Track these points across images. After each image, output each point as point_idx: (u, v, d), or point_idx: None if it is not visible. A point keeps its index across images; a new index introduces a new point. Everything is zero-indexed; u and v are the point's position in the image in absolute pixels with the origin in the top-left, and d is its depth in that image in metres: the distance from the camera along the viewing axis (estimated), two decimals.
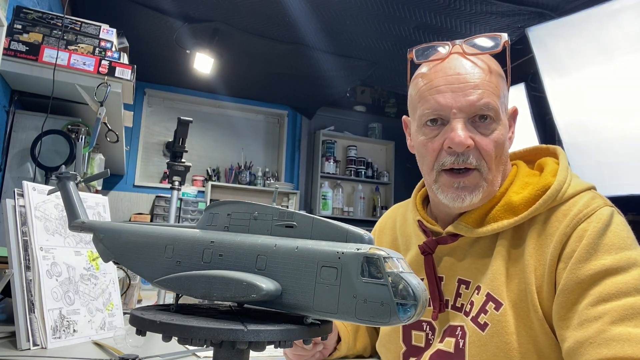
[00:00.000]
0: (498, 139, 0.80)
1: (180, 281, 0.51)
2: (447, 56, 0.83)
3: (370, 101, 5.65)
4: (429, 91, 0.82)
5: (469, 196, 0.80)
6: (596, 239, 0.72)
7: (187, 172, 2.22)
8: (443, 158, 0.81)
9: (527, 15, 2.83)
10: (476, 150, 0.79)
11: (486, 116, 0.79)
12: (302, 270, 0.45)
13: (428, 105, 0.81)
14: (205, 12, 3.14)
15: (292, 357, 0.92)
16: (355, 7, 2.92)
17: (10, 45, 1.69)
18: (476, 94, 0.78)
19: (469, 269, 0.84)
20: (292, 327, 0.46)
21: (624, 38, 2.50)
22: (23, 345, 0.97)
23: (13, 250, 1.02)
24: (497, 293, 0.78)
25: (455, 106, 0.79)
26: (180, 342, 0.46)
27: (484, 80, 0.80)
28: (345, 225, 0.48)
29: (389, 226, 1.07)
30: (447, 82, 0.80)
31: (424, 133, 0.84)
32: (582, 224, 0.74)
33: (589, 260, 0.71)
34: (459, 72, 0.80)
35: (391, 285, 0.40)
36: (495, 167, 0.81)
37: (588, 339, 0.67)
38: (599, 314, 0.67)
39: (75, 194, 0.77)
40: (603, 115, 2.68)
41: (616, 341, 0.65)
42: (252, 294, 0.45)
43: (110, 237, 0.63)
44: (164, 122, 4.81)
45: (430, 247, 0.87)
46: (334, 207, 5.07)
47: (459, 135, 0.77)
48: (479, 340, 0.78)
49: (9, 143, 1.82)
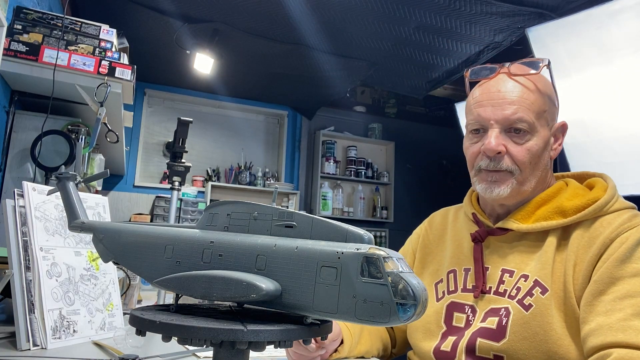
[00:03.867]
0: (531, 147, 0.94)
1: (180, 281, 0.51)
2: (495, 76, 0.98)
3: (370, 101, 5.65)
4: (474, 105, 0.99)
5: (497, 189, 0.95)
6: (634, 247, 0.83)
7: (187, 173, 2.22)
8: (480, 161, 0.97)
9: (527, 16, 2.83)
10: (509, 157, 0.94)
11: (520, 129, 0.93)
12: (302, 270, 0.45)
13: (472, 117, 0.99)
14: (205, 12, 3.14)
15: (294, 356, 0.93)
16: (355, 8, 2.91)
17: (10, 46, 1.69)
18: (511, 109, 0.93)
19: (513, 261, 0.96)
20: (291, 327, 0.46)
21: (624, 38, 2.49)
22: (23, 346, 0.97)
23: (13, 250, 1.02)
24: (545, 280, 0.89)
25: (492, 118, 0.94)
26: (180, 342, 0.46)
27: (522, 97, 0.94)
28: (345, 225, 0.48)
29: (439, 221, 1.19)
30: (489, 98, 0.96)
31: (469, 139, 1.01)
32: (625, 233, 0.85)
33: (625, 262, 0.82)
34: (500, 89, 0.96)
35: (391, 285, 0.40)
36: (529, 171, 0.95)
37: (609, 324, 0.77)
38: (623, 306, 0.78)
39: (75, 194, 0.77)
40: (603, 116, 2.68)
41: (633, 330, 0.74)
42: (252, 294, 0.45)
43: (110, 238, 0.63)
44: (164, 123, 4.81)
45: (481, 236, 1.01)
46: (334, 208, 5.07)
47: (490, 143, 0.93)
48: (522, 319, 0.88)
49: (9, 143, 1.82)
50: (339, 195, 5.15)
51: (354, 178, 5.25)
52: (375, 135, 5.48)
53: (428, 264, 1.13)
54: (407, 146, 5.53)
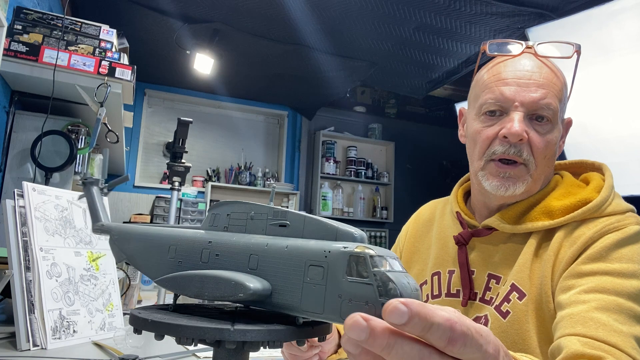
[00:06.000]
0: (550, 140, 0.84)
1: (176, 281, 0.52)
2: (520, 53, 0.86)
3: (370, 102, 5.66)
4: (496, 82, 0.85)
5: (512, 187, 0.84)
6: (614, 247, 0.75)
7: (187, 173, 2.23)
8: (495, 147, 0.85)
9: (527, 16, 2.83)
10: (528, 146, 0.83)
11: (544, 116, 0.83)
12: (291, 270, 0.44)
13: (492, 95, 0.85)
14: (205, 12, 3.14)
15: (288, 356, 0.92)
16: (355, 8, 2.92)
17: (10, 46, 1.69)
18: (540, 92, 0.82)
19: (499, 265, 0.87)
20: (279, 327, 0.45)
21: (624, 39, 2.50)
22: (23, 346, 0.97)
23: (13, 250, 1.02)
24: (522, 284, 0.81)
25: (518, 100, 0.82)
26: (178, 342, 0.46)
27: (551, 82, 0.83)
28: (335, 223, 0.46)
29: (425, 218, 1.10)
30: (515, 77, 0.84)
31: (481, 121, 0.87)
32: (610, 234, 0.77)
33: (599, 260, 0.75)
34: (528, 69, 0.84)
35: (377, 284, 0.38)
36: (542, 166, 0.85)
37: (571, 315, 0.71)
38: (588, 299, 0.71)
39: (98, 198, 0.79)
40: (603, 116, 2.68)
41: (594, 322, 0.68)
42: (240, 293, 0.45)
43: (122, 239, 0.64)
44: (164, 123, 4.81)
45: (464, 238, 0.91)
46: (334, 208, 5.07)
47: (515, 127, 0.81)
48: (500, 327, 0.81)
49: (9, 143, 1.83)
50: (339, 195, 5.16)
51: (354, 178, 5.25)
52: (375, 135, 5.48)
53: (414, 263, 1.06)
54: (407, 146, 5.53)
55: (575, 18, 2.63)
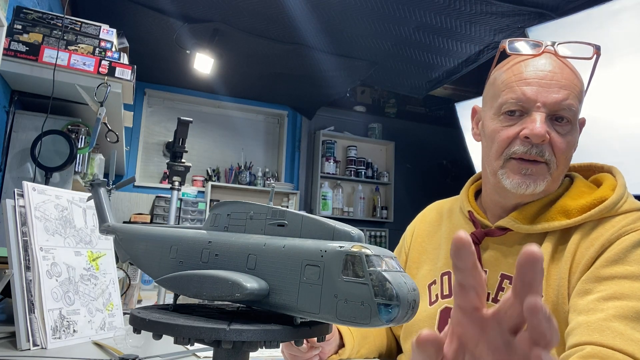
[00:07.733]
0: (571, 141, 0.84)
1: (176, 281, 0.52)
2: (541, 53, 0.86)
3: (370, 101, 5.65)
4: (517, 82, 0.84)
5: (533, 184, 0.83)
6: (632, 248, 0.75)
7: (187, 173, 2.22)
8: (515, 147, 0.84)
9: (527, 16, 2.83)
10: (549, 146, 0.82)
11: (564, 117, 0.83)
12: (288, 269, 0.44)
13: (513, 95, 0.84)
14: (205, 12, 3.14)
15: (288, 356, 0.92)
16: (355, 7, 2.92)
17: (10, 46, 1.69)
18: (563, 93, 0.82)
19: (513, 265, 0.86)
20: (275, 327, 0.45)
21: (624, 38, 2.49)
22: (23, 346, 0.97)
23: (13, 250, 1.02)
24: None
25: (540, 100, 0.82)
26: (174, 342, 0.46)
27: (572, 82, 0.83)
28: (333, 222, 0.46)
29: (432, 218, 1.09)
30: (537, 77, 0.83)
31: (500, 121, 0.87)
32: (627, 235, 0.77)
33: (618, 262, 0.74)
34: (550, 69, 0.84)
35: (372, 284, 0.38)
36: (562, 166, 0.84)
37: (588, 322, 0.70)
38: (607, 307, 0.70)
39: (105, 199, 0.81)
40: (603, 115, 2.68)
41: (611, 331, 0.67)
42: (236, 293, 0.45)
43: (127, 239, 0.65)
44: (164, 123, 4.81)
45: (478, 238, 0.91)
46: (334, 208, 5.07)
47: (538, 128, 0.80)
48: None
49: (9, 143, 1.83)
50: (339, 195, 5.16)
51: (354, 178, 5.25)
52: (375, 135, 5.48)
53: (423, 263, 1.04)
54: (407, 146, 5.53)
55: (576, 17, 2.63)
